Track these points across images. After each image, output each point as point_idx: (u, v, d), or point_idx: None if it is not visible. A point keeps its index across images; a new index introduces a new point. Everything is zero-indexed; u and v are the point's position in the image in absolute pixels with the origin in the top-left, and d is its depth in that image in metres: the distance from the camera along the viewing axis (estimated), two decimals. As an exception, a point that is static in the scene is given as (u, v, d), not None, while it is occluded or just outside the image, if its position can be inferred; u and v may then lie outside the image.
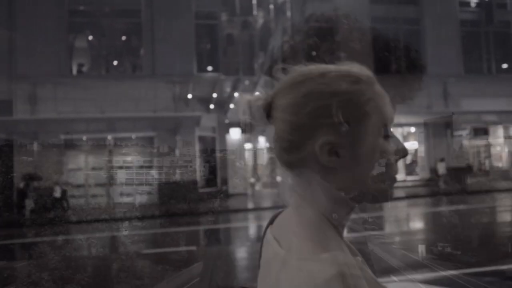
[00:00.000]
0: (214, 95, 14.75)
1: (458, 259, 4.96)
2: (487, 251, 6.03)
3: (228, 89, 15.64)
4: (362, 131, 0.65)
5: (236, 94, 14.95)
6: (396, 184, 0.70)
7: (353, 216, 0.73)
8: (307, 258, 0.60)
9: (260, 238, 0.78)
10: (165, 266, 5.23)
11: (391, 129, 0.69)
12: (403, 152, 0.70)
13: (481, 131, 18.07)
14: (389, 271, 3.33)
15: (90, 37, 16.37)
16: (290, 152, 0.68)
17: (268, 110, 0.71)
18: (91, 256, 7.11)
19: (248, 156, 18.34)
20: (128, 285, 5.01)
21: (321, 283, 0.56)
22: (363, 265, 0.70)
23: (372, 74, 0.70)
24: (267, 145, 17.42)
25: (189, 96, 14.57)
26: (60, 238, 7.92)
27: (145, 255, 6.53)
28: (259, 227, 10.23)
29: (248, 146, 18.91)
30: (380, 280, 0.72)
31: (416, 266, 4.10)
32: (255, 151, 19.64)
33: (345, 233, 0.73)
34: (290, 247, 0.64)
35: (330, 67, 0.69)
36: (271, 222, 0.77)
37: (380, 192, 0.68)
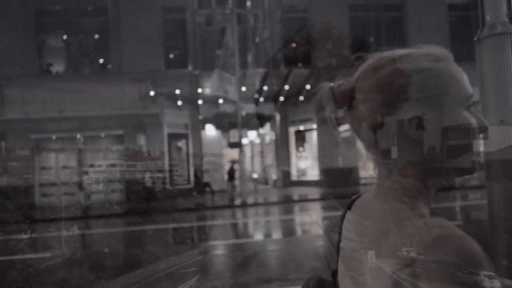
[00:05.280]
0: (177, 91, 14.44)
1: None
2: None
3: (198, 85, 15.35)
4: (446, 104, 0.67)
5: (199, 90, 14.60)
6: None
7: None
8: (406, 224, 0.64)
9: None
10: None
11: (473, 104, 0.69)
12: (484, 126, 0.69)
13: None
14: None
15: (65, 37, 16.43)
16: (379, 130, 0.70)
17: (351, 94, 0.73)
18: None
19: (228, 152, 17.97)
20: None
21: (426, 244, 0.60)
22: None
23: (450, 52, 0.72)
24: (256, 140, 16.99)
25: (152, 93, 14.33)
26: None
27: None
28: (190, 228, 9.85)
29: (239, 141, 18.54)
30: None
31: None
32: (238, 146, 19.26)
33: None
34: (387, 218, 0.68)
35: (408, 50, 0.72)
36: (348, 207, 0.81)
37: (467, 164, 0.68)
